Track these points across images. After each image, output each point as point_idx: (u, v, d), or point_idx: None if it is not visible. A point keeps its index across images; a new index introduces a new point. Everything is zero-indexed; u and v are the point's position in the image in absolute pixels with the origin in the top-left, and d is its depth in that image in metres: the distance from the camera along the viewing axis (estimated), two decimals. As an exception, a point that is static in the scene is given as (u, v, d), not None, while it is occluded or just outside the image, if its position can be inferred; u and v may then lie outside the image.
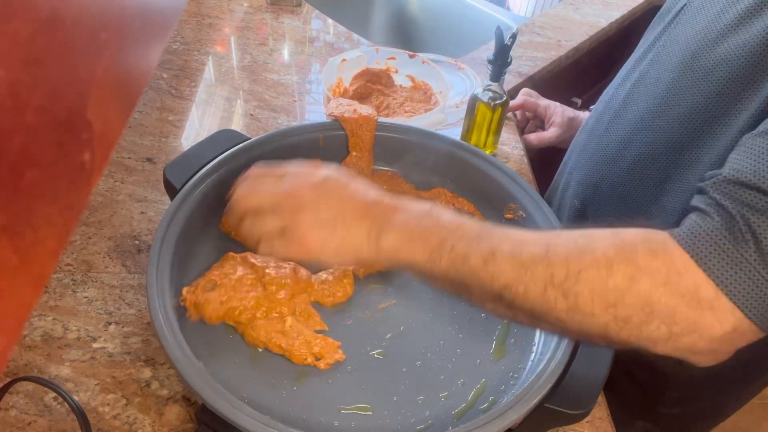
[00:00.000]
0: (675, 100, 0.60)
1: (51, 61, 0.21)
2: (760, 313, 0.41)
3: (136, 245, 0.72)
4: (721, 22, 0.56)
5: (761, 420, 1.59)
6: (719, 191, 0.44)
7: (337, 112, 0.74)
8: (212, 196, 0.66)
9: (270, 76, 1.03)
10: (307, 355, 0.56)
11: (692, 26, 0.60)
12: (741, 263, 0.41)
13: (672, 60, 0.61)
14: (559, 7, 1.31)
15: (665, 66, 0.62)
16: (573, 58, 1.17)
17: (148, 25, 0.30)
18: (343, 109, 0.75)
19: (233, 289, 0.58)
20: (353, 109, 0.74)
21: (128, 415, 0.57)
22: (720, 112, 0.55)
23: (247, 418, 0.47)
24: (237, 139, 0.70)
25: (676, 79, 0.60)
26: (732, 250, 0.41)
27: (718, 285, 0.41)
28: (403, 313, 0.62)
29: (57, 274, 0.67)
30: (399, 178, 0.76)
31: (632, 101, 0.67)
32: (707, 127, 0.56)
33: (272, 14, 1.21)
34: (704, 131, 0.57)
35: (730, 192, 0.43)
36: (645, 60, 0.67)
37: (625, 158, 0.66)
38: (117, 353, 0.61)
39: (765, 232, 0.41)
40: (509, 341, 0.60)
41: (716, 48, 0.55)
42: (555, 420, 0.52)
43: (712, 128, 0.56)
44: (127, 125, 0.88)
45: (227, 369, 0.56)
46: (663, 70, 0.62)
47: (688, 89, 0.58)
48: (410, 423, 0.54)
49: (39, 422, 0.55)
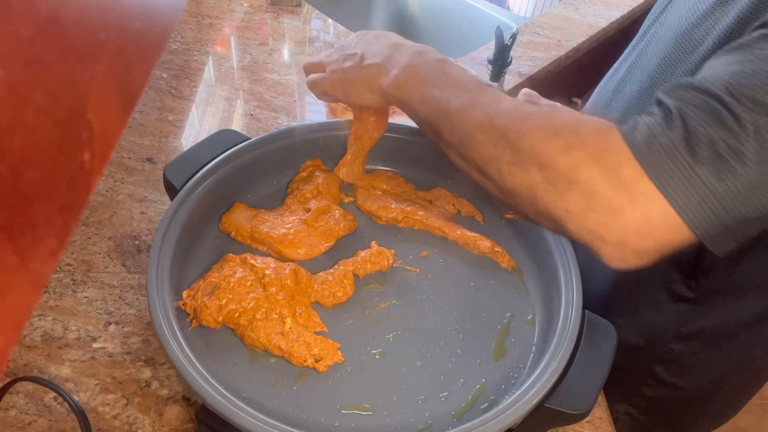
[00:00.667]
0: (666, 75, 0.60)
1: (51, 61, 0.21)
2: (687, 206, 0.40)
3: (136, 245, 0.72)
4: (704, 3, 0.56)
5: (761, 420, 1.59)
6: (666, 92, 0.44)
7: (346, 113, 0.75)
8: (212, 196, 0.66)
9: (270, 76, 1.03)
10: (307, 356, 0.56)
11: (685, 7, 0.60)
12: (671, 151, 0.41)
13: (664, 41, 0.62)
14: (559, 7, 1.31)
15: (656, 49, 0.63)
16: (573, 58, 1.17)
17: (148, 25, 0.30)
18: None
19: (232, 291, 0.58)
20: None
21: (128, 415, 0.57)
22: None
23: (247, 418, 0.47)
24: (237, 139, 0.70)
25: (668, 55, 0.60)
26: (663, 138, 0.41)
27: (645, 169, 0.41)
28: (403, 313, 0.62)
29: (57, 274, 0.67)
30: (399, 178, 0.76)
31: (626, 86, 0.67)
32: None
33: (272, 14, 1.21)
34: None
35: (677, 93, 0.43)
36: (637, 48, 0.68)
37: None
38: (117, 353, 0.61)
39: (696, 122, 0.40)
40: (509, 341, 0.61)
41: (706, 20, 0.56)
42: (555, 420, 0.52)
43: None
44: (127, 125, 0.88)
45: (227, 369, 0.56)
46: (654, 53, 0.63)
47: (678, 61, 0.59)
48: (410, 423, 0.54)
49: (39, 422, 0.55)
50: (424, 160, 0.76)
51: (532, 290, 0.65)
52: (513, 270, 0.67)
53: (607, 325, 0.56)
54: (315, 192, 0.71)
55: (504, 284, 0.66)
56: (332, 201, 0.71)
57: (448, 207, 0.73)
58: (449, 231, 0.69)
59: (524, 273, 0.67)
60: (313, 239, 0.67)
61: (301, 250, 0.66)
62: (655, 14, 0.67)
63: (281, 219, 0.68)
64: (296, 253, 0.65)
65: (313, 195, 0.71)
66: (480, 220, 0.73)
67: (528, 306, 0.64)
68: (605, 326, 0.56)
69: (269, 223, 0.67)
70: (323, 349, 0.57)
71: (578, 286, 0.58)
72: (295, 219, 0.68)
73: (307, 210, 0.69)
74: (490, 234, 0.70)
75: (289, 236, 0.66)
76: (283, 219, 0.68)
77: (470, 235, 0.69)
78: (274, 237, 0.65)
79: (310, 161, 0.75)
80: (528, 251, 0.68)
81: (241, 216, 0.68)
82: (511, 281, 0.66)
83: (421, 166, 0.76)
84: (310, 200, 0.70)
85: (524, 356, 0.59)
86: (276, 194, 0.73)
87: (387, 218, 0.71)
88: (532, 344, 0.60)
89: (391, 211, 0.71)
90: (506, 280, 0.66)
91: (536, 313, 0.63)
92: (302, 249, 0.66)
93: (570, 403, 0.50)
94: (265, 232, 0.66)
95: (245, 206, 0.69)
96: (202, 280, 0.60)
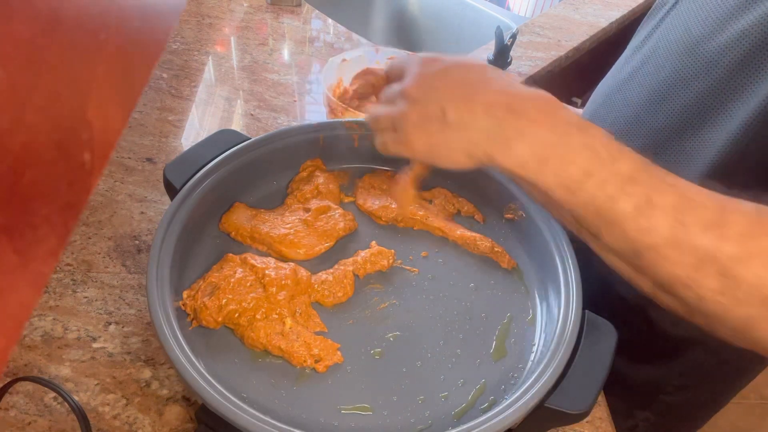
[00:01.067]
0: (678, 89, 0.59)
1: (51, 61, 0.21)
2: None
3: (136, 245, 0.72)
4: (722, 8, 0.55)
5: (761, 420, 1.59)
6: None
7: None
8: (212, 196, 0.66)
9: (270, 76, 1.03)
10: (307, 357, 0.56)
11: (691, 15, 0.59)
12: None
13: (672, 49, 0.61)
14: (559, 7, 1.31)
15: (664, 56, 0.62)
16: (573, 58, 1.17)
17: (148, 25, 0.30)
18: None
19: (232, 291, 0.58)
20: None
21: (128, 415, 0.57)
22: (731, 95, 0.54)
23: (247, 418, 0.47)
24: (237, 139, 0.70)
25: (678, 68, 0.59)
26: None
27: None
28: (403, 313, 0.62)
29: (57, 274, 0.67)
30: (399, 178, 0.76)
31: (628, 91, 0.66)
32: (717, 110, 0.55)
33: (272, 14, 1.21)
34: (713, 114, 0.56)
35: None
36: (640, 52, 0.67)
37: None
38: (117, 353, 0.61)
39: None
40: (509, 341, 0.61)
41: (720, 34, 0.55)
42: (555, 420, 0.52)
43: (724, 109, 0.54)
44: (127, 125, 0.88)
45: (227, 369, 0.56)
46: (662, 60, 0.62)
47: (693, 77, 0.57)
48: (410, 423, 0.54)
49: (39, 422, 0.55)
50: (424, 160, 0.76)
51: (532, 290, 0.65)
52: (513, 270, 0.67)
53: (607, 325, 0.56)
54: (315, 192, 0.71)
55: (504, 284, 0.66)
56: (332, 201, 0.71)
57: (448, 207, 0.73)
58: (449, 231, 0.69)
59: (524, 273, 0.67)
60: (313, 239, 0.67)
61: (301, 250, 0.66)
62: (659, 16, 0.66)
63: (281, 219, 0.68)
64: (296, 253, 0.65)
65: (313, 195, 0.71)
66: (480, 220, 0.73)
67: (528, 306, 0.64)
68: (605, 326, 0.56)
69: (269, 223, 0.67)
70: (323, 349, 0.57)
71: (578, 286, 0.58)
72: (295, 219, 0.68)
73: (307, 210, 0.69)
74: (490, 234, 0.70)
75: (289, 236, 0.66)
76: (283, 219, 0.68)
77: (470, 235, 0.69)
78: (274, 237, 0.66)
79: (310, 161, 0.75)
80: (528, 251, 0.68)
81: (241, 216, 0.68)
82: (511, 281, 0.66)
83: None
84: (310, 200, 0.70)
85: (524, 356, 0.59)
86: (276, 194, 0.73)
87: (387, 218, 0.71)
88: (532, 344, 0.60)
89: (391, 211, 0.71)
90: (506, 280, 0.66)
91: (536, 313, 0.63)
92: (302, 249, 0.66)
93: (570, 403, 0.50)
94: (265, 232, 0.66)
95: (245, 206, 0.69)
96: (202, 281, 0.60)
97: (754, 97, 0.51)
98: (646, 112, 0.63)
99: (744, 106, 0.52)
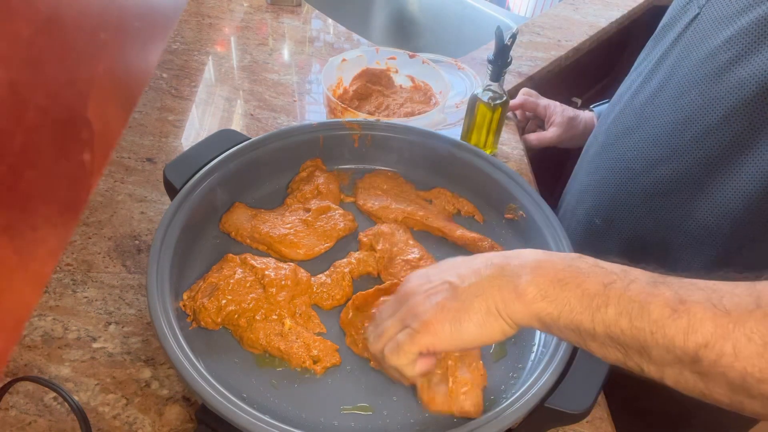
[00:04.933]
0: (704, 113, 0.58)
1: (51, 61, 0.21)
2: None
3: (136, 245, 0.72)
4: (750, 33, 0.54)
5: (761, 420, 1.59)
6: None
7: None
8: (212, 196, 0.66)
9: (270, 76, 1.03)
10: (306, 358, 0.56)
11: (713, 38, 0.58)
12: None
13: (695, 72, 0.60)
14: (559, 7, 1.31)
15: (687, 79, 0.61)
16: (573, 58, 1.17)
17: (148, 25, 0.30)
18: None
19: (232, 291, 0.58)
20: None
21: (128, 415, 0.57)
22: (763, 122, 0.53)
23: (247, 418, 0.47)
24: (237, 139, 0.70)
25: (704, 91, 0.58)
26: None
27: None
28: (403, 313, 0.62)
29: (57, 274, 0.67)
30: (399, 178, 0.76)
31: (650, 115, 0.65)
32: (748, 137, 0.55)
33: (272, 14, 1.21)
34: (744, 141, 0.55)
35: None
36: (658, 72, 0.65)
37: (649, 174, 0.65)
38: (117, 353, 0.61)
39: None
40: (509, 341, 0.60)
41: (751, 58, 0.54)
42: (555, 420, 0.52)
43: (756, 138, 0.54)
44: (127, 125, 0.88)
45: (227, 369, 0.55)
46: (685, 82, 0.61)
47: (720, 100, 0.57)
48: (410, 423, 0.54)
49: (39, 422, 0.55)
50: (424, 160, 0.76)
51: (532, 290, 0.65)
52: (513, 270, 0.67)
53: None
54: (315, 192, 0.71)
55: (504, 284, 0.66)
56: (332, 201, 0.71)
57: (448, 207, 0.73)
58: (449, 231, 0.69)
59: (524, 273, 0.67)
60: (312, 239, 0.67)
61: (301, 250, 0.66)
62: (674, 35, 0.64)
63: (281, 219, 0.68)
64: (296, 253, 0.65)
65: (313, 195, 0.71)
66: (480, 220, 0.73)
67: (528, 306, 0.64)
68: (605, 326, 0.56)
69: (269, 223, 0.67)
70: (322, 350, 0.57)
71: (578, 286, 0.58)
72: (295, 219, 0.68)
73: (307, 210, 0.69)
74: (490, 234, 0.70)
75: (289, 236, 0.66)
76: (283, 219, 0.68)
77: (470, 235, 0.69)
78: (274, 237, 0.65)
79: (310, 161, 0.75)
80: (528, 251, 0.68)
81: (241, 216, 0.68)
82: (511, 281, 0.66)
83: (421, 166, 0.76)
84: (310, 200, 0.70)
85: (524, 356, 0.59)
86: (276, 194, 0.73)
87: (387, 218, 0.71)
88: (532, 344, 0.60)
89: (391, 211, 0.71)
90: (506, 280, 0.66)
91: (536, 313, 0.63)
92: (302, 249, 0.66)
93: (570, 403, 0.50)
94: (265, 232, 0.66)
95: (245, 206, 0.69)
96: (202, 281, 0.60)
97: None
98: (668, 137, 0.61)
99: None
